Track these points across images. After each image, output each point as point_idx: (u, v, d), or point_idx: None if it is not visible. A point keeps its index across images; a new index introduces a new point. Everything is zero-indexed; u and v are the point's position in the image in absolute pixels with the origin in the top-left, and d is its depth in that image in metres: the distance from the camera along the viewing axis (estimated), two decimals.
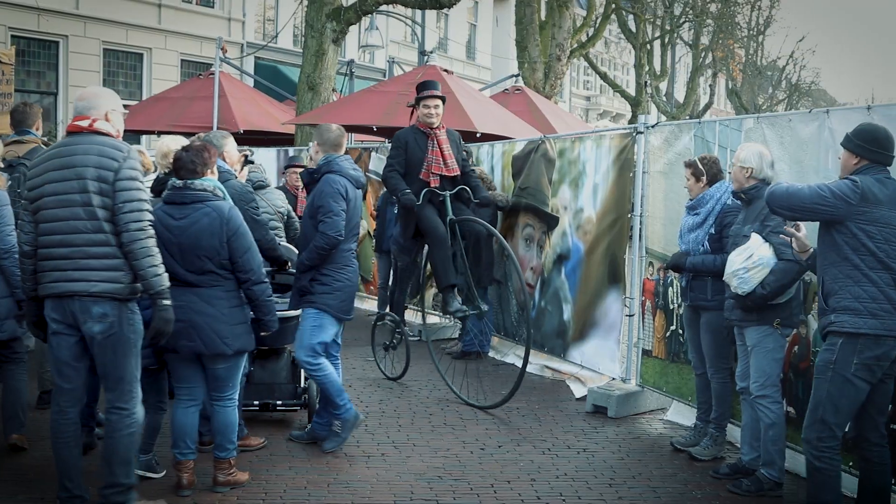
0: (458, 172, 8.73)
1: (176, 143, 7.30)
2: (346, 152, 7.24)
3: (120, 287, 5.19)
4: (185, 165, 5.91)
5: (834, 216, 5.26)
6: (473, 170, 9.23)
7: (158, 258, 5.20)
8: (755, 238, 6.16)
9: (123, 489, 5.35)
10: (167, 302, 5.24)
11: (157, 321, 5.25)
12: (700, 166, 6.95)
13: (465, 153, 9.18)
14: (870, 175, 5.29)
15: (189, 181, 5.86)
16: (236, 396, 6.07)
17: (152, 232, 5.21)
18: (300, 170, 10.08)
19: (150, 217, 5.22)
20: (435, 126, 8.73)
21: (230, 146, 7.18)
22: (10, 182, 7.25)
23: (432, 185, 8.62)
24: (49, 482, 5.76)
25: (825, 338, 5.54)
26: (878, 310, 5.23)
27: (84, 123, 5.31)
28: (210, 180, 5.92)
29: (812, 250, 5.65)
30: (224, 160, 6.93)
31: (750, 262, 6.08)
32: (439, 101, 8.81)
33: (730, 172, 6.74)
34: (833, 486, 5.39)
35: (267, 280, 5.99)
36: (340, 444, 7.03)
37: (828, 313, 5.40)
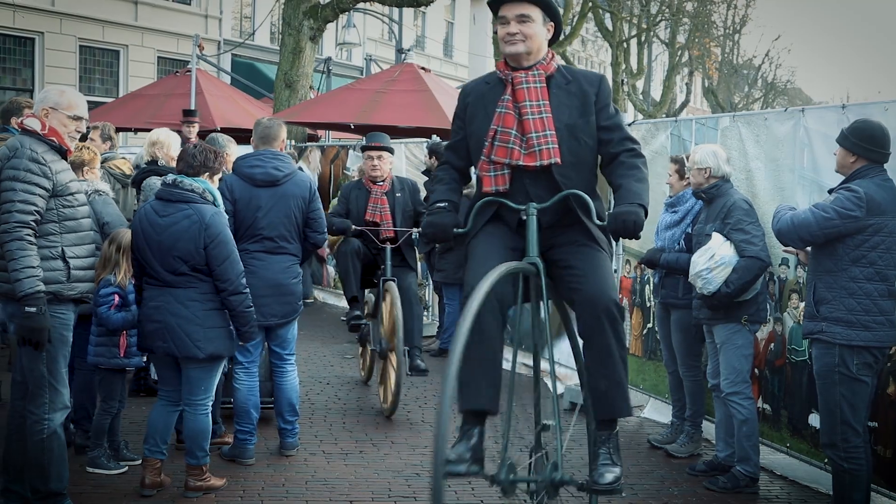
0: (555, 159, 4.28)
1: (168, 134, 7.55)
2: (313, 149, 7.08)
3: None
4: (185, 159, 5.83)
5: (843, 234, 5.29)
6: (622, 160, 4.43)
7: (25, 261, 4.94)
8: (716, 237, 6.20)
9: (43, 496, 5.28)
10: (31, 309, 4.96)
11: (19, 328, 5.06)
12: (687, 164, 6.97)
13: (610, 125, 4.45)
14: (869, 179, 5.30)
15: (179, 179, 5.77)
16: (209, 404, 5.95)
17: (21, 234, 4.95)
18: (381, 153, 8.44)
19: (21, 218, 4.95)
20: (524, 62, 4.41)
21: (231, 150, 7.41)
22: None
23: (488, 187, 4.38)
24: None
25: (812, 342, 5.59)
26: (871, 322, 5.28)
27: (19, 120, 5.29)
28: (202, 181, 5.80)
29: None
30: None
31: (712, 262, 6.12)
32: (529, 9, 4.36)
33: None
34: (862, 485, 5.43)
35: (247, 290, 5.84)
36: (232, 456, 6.66)
37: (818, 320, 5.44)
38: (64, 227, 5.21)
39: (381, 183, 8.36)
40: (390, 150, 8.57)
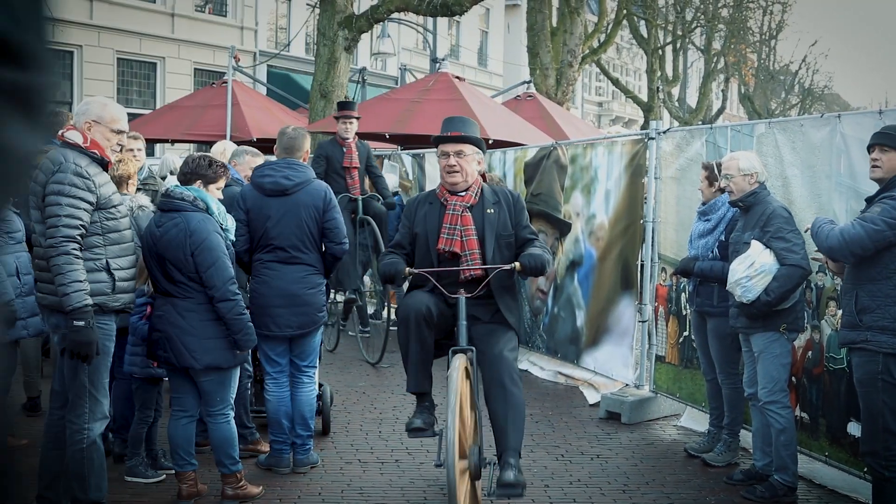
0: None
1: (225, 146, 7.80)
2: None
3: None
4: (181, 168, 5.96)
5: (893, 243, 5.25)
6: None
7: (72, 276, 5.02)
8: (755, 245, 6.14)
9: None
10: (79, 323, 5.03)
11: (67, 342, 5.12)
12: (716, 171, 6.92)
13: None
14: None
15: (172, 189, 5.86)
16: (229, 412, 5.95)
17: (67, 248, 5.03)
18: (462, 148, 9.30)
19: (68, 233, 5.04)
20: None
21: (245, 160, 7.47)
22: None
23: None
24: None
25: (851, 351, 5.53)
26: None
27: (60, 133, 5.38)
28: (195, 190, 5.84)
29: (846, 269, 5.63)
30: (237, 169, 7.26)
31: (752, 270, 6.07)
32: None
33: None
34: None
35: (236, 297, 5.76)
36: (269, 465, 6.67)
37: (860, 329, 5.38)
38: (108, 239, 5.29)
39: (464, 193, 5.83)
40: (478, 144, 5.89)
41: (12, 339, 6.71)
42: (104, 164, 5.36)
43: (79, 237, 5.09)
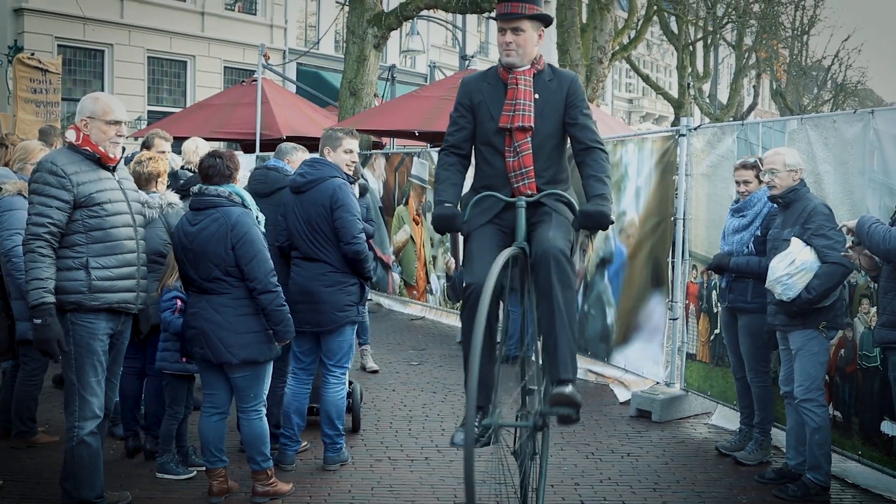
0: None
1: (198, 143, 7.89)
2: (378, 157, 6.96)
3: None
4: (204, 172, 5.96)
5: None
6: None
7: (32, 273, 5.06)
8: (796, 242, 6.08)
9: (77, 502, 5.39)
10: (37, 320, 5.05)
11: (34, 342, 5.17)
12: (762, 165, 6.85)
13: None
14: None
15: (205, 187, 5.89)
16: (261, 408, 5.99)
17: (32, 246, 5.07)
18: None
19: (34, 230, 5.09)
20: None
21: (295, 157, 7.32)
22: None
23: None
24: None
25: (889, 349, 5.47)
26: None
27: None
28: (229, 186, 5.89)
29: (883, 267, 5.57)
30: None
31: (793, 268, 6.00)
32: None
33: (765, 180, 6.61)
34: None
35: (277, 289, 5.82)
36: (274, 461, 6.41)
37: None
38: (90, 237, 5.26)
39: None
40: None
41: None
42: (99, 161, 5.36)
43: (46, 235, 5.10)
